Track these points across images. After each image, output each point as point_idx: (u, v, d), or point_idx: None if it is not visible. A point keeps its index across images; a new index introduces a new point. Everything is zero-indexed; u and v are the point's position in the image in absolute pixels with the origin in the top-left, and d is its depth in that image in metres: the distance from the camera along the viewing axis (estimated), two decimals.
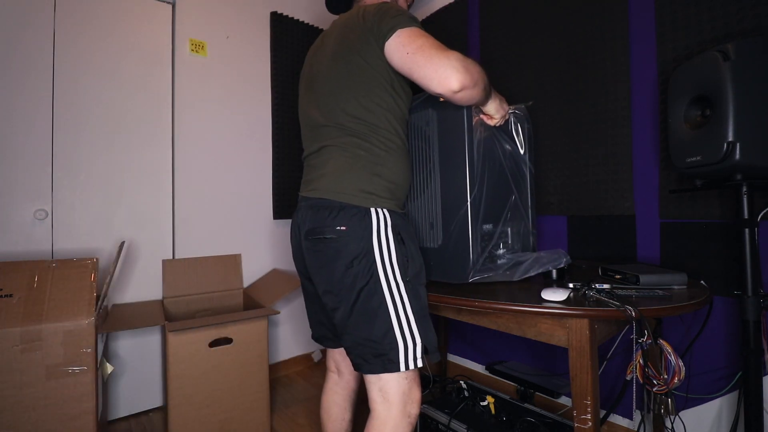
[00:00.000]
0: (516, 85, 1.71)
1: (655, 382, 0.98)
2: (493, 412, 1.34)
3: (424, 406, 1.39)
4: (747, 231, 0.96)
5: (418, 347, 0.88)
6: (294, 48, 2.22)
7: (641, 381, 0.98)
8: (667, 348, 0.96)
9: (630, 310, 0.79)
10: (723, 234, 1.18)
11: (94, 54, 1.63)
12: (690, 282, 1.02)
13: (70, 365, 1.21)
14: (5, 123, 1.46)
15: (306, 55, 1.12)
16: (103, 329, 1.32)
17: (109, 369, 1.44)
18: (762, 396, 0.95)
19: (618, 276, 1.05)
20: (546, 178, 1.59)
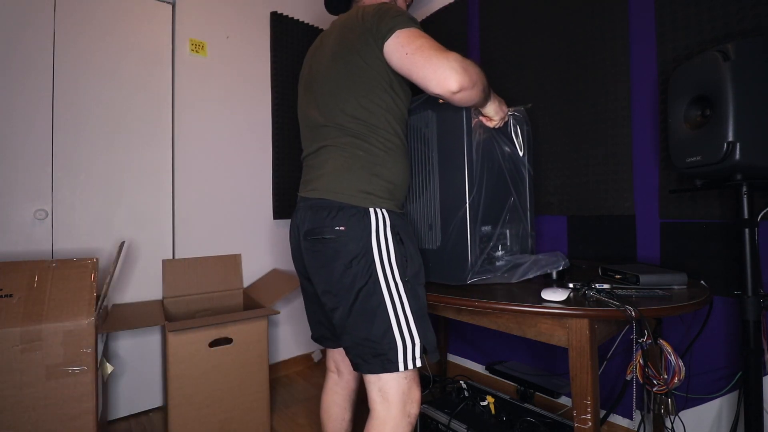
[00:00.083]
0: (516, 85, 1.71)
1: (655, 382, 0.98)
2: (493, 412, 1.34)
3: (424, 406, 1.39)
4: (747, 231, 0.96)
5: (417, 347, 0.88)
6: (294, 48, 2.22)
7: (641, 381, 0.98)
8: (667, 348, 0.96)
9: (630, 310, 0.79)
10: (723, 234, 1.18)
11: (94, 54, 1.63)
12: (690, 282, 1.02)
13: (70, 365, 1.21)
14: (5, 123, 1.46)
15: (305, 56, 1.12)
16: (103, 329, 1.32)
17: (109, 369, 1.44)
18: (762, 396, 0.95)
19: (618, 276, 1.05)
20: (546, 178, 1.59)
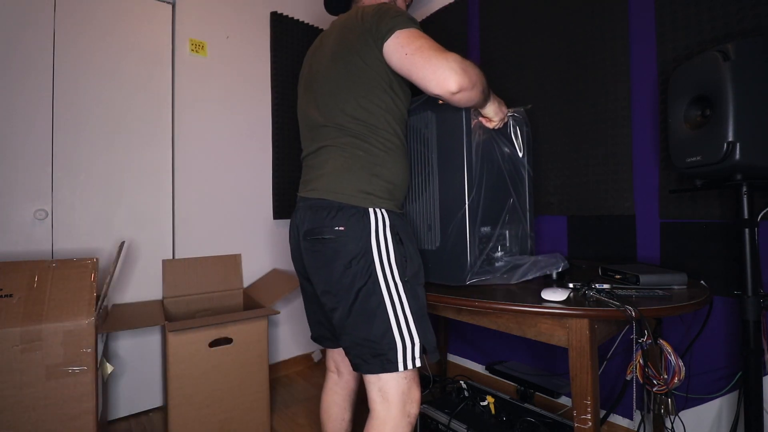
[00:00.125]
0: (516, 85, 1.71)
1: (655, 382, 0.98)
2: (493, 412, 1.34)
3: (424, 406, 1.39)
4: (747, 231, 0.96)
5: (416, 347, 0.88)
6: (294, 48, 2.22)
7: (641, 381, 0.98)
8: (667, 348, 0.96)
9: (630, 310, 0.79)
10: (723, 234, 1.18)
11: (94, 54, 1.63)
12: (690, 282, 1.02)
13: (70, 365, 1.21)
14: (5, 123, 1.46)
15: (305, 56, 1.12)
16: (103, 329, 1.32)
17: (109, 369, 1.44)
18: (762, 396, 0.95)
19: (618, 276, 1.05)
20: (546, 178, 1.59)
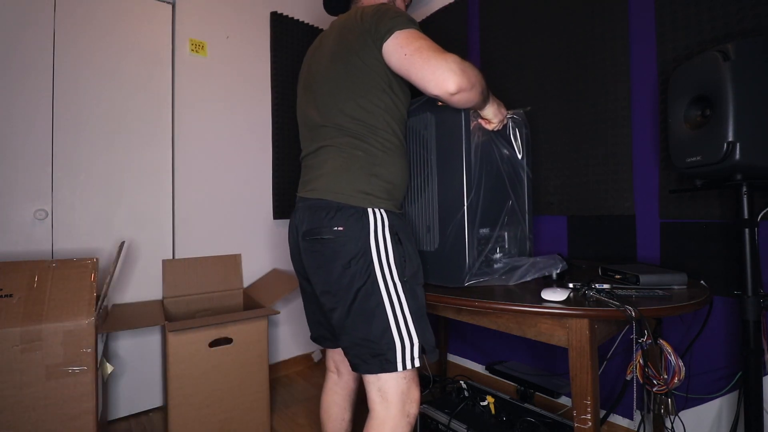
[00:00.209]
0: (516, 86, 1.71)
1: (655, 382, 0.98)
2: (493, 412, 1.34)
3: (424, 406, 1.39)
4: (747, 231, 0.96)
5: (415, 347, 0.88)
6: (294, 48, 2.22)
7: (641, 381, 0.98)
8: (667, 348, 0.96)
9: (630, 310, 0.79)
10: (723, 234, 1.18)
11: (94, 54, 1.63)
12: (690, 282, 1.02)
13: (70, 365, 1.21)
14: (5, 123, 1.46)
15: (305, 56, 1.12)
16: (103, 329, 1.32)
17: (109, 369, 1.44)
18: (762, 396, 0.95)
19: (618, 276, 1.05)
20: (546, 178, 1.59)
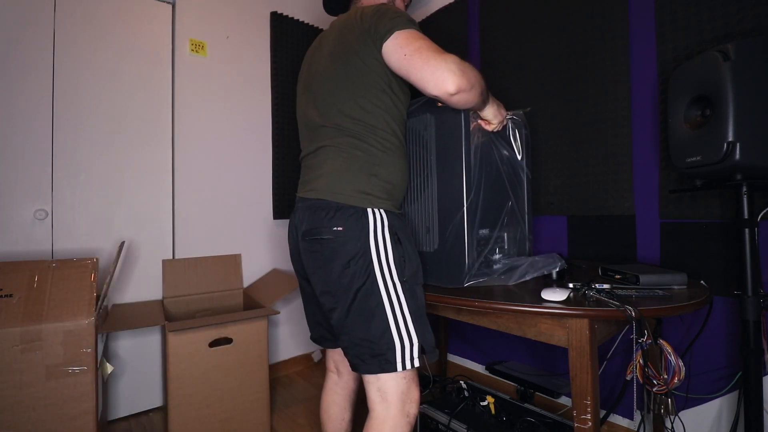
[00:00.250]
0: (516, 86, 1.71)
1: (655, 382, 0.98)
2: (493, 412, 1.34)
3: (424, 406, 1.39)
4: (747, 231, 0.96)
5: (415, 347, 0.88)
6: (294, 48, 2.22)
7: (641, 381, 0.98)
8: (667, 348, 0.96)
9: (630, 310, 0.79)
10: (723, 234, 1.18)
11: (94, 54, 1.63)
12: (690, 282, 1.02)
13: (70, 365, 1.21)
14: (5, 123, 1.46)
15: (305, 56, 1.12)
16: (103, 329, 1.32)
17: (109, 369, 1.44)
18: (762, 396, 0.95)
19: (618, 276, 1.05)
20: (546, 178, 1.59)
